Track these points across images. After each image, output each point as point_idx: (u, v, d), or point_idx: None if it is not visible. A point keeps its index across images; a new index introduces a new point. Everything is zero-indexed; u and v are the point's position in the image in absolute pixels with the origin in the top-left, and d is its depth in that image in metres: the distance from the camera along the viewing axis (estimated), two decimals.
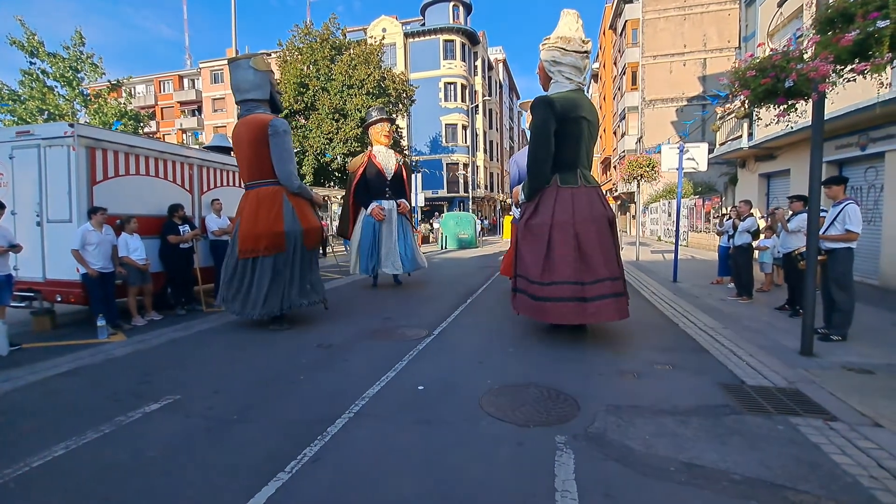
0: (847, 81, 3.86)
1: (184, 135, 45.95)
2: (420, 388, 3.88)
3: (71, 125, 6.03)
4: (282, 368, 4.47)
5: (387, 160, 9.29)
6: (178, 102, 47.50)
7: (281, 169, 6.04)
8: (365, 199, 9.19)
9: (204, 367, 4.63)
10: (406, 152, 25.45)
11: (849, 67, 3.75)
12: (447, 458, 2.76)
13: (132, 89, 40.30)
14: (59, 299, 6.25)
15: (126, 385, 4.07)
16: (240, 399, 3.70)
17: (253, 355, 5.01)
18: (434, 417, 3.32)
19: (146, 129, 31.70)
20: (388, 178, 9.20)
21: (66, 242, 5.78)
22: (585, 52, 5.60)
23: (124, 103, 21.42)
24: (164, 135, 45.47)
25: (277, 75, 21.69)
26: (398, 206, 9.24)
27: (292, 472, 2.60)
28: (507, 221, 23.07)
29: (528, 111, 5.75)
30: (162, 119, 47.67)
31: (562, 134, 5.33)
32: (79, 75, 18.03)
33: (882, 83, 3.87)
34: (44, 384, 4.15)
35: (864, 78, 3.71)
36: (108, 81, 19.15)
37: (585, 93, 5.80)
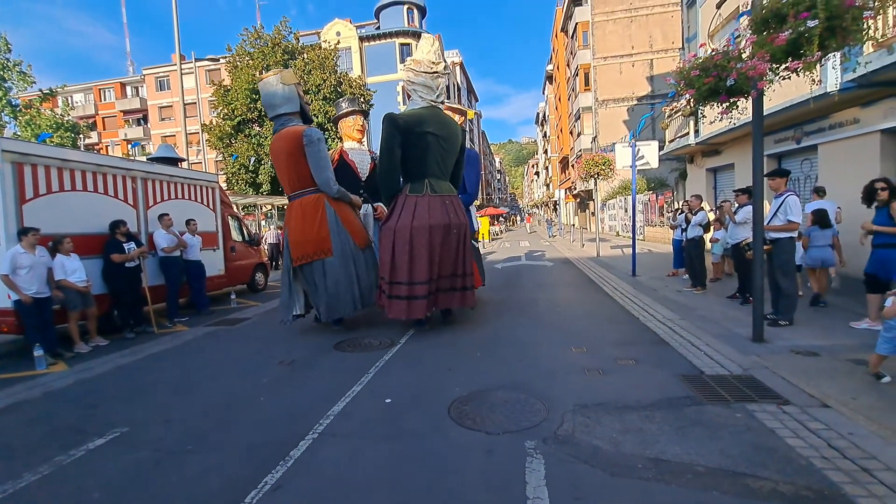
0: (783, 79, 4.07)
1: (128, 146, 43.59)
2: (388, 400, 3.78)
3: None
4: (241, 390, 4.25)
5: (361, 159, 7.96)
6: (120, 111, 44.96)
7: (319, 176, 6.21)
8: None
9: (155, 394, 4.33)
10: None
11: (783, 66, 3.95)
12: (417, 473, 2.68)
13: (69, 98, 37.88)
14: None
15: (67, 420, 3.76)
16: (194, 426, 3.48)
17: (210, 377, 4.75)
18: (403, 431, 3.23)
19: (87, 141, 29.90)
20: (363, 180, 7.89)
21: None
22: (436, 73, 6.25)
23: (61, 114, 20.09)
24: (106, 146, 42.96)
25: (227, 82, 20.93)
26: (374, 210, 8.06)
27: (252, 502, 2.45)
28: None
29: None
30: (104, 129, 45.01)
31: (408, 147, 5.94)
32: (5, 84, 16.75)
33: (814, 80, 4.10)
34: None
35: (798, 75, 3.92)
36: (40, 90, 17.88)
37: (440, 109, 6.39)
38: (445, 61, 6.49)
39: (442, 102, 6.45)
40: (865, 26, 3.67)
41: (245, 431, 3.36)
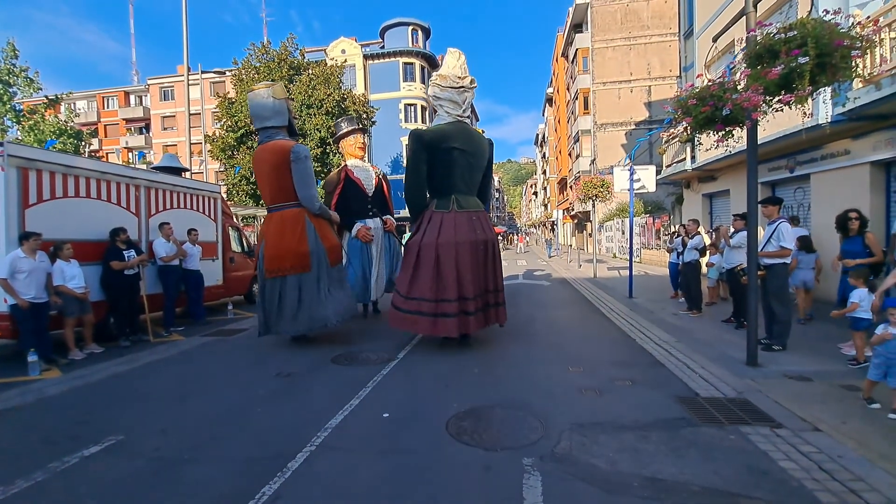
0: (776, 111, 4.22)
1: (129, 154, 43.76)
2: (385, 415, 3.79)
3: (0, 144, 5.61)
4: (238, 401, 4.25)
5: (365, 175, 8.39)
6: (123, 119, 45.26)
7: (303, 192, 6.28)
8: (346, 221, 8.08)
9: (151, 403, 4.31)
10: None
11: (776, 98, 4.10)
12: (415, 488, 2.69)
13: (72, 105, 38.17)
14: None
15: (62, 426, 3.74)
16: (191, 437, 3.48)
17: (206, 388, 4.74)
18: (400, 446, 3.25)
19: (89, 148, 30.01)
20: (370, 195, 8.33)
21: None
22: (462, 87, 6.15)
23: (65, 121, 20.21)
24: (107, 153, 43.09)
25: (233, 94, 21.21)
26: (384, 223, 8.41)
27: None
28: None
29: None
30: (105, 136, 45.22)
31: (433, 163, 5.93)
32: (11, 90, 16.88)
33: (805, 113, 4.26)
34: None
35: (790, 108, 4.07)
36: (46, 97, 18.04)
37: (466, 124, 6.29)
38: (471, 75, 6.36)
39: (468, 117, 6.35)
40: (854, 64, 3.85)
41: (242, 442, 3.36)
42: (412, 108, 35.66)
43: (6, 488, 2.76)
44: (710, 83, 4.47)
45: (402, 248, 8.87)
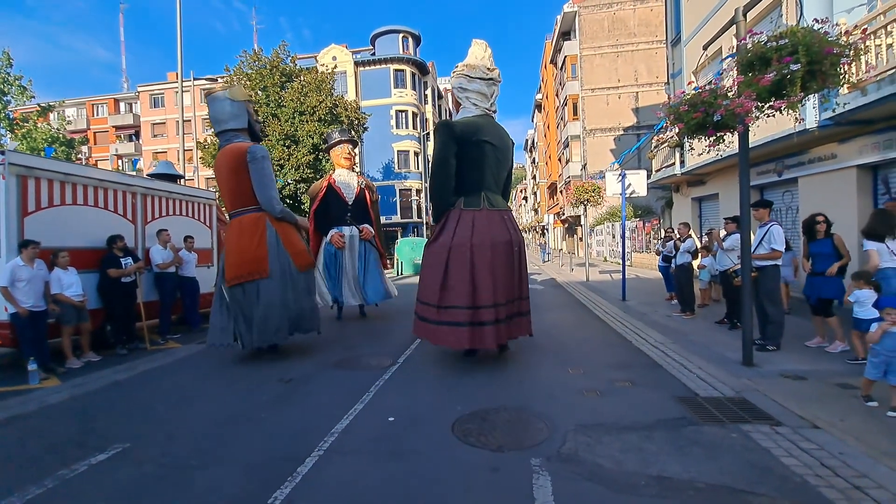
0: (767, 117, 4.35)
1: (119, 161, 43.35)
2: (391, 419, 3.81)
3: (1, 152, 5.58)
4: (241, 407, 4.24)
5: (348, 184, 8.90)
6: (113, 127, 44.87)
7: (262, 194, 5.97)
8: (325, 226, 8.70)
9: (153, 410, 4.29)
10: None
11: (768, 104, 4.23)
12: (425, 490, 2.72)
13: (62, 112, 37.76)
14: None
15: (67, 434, 3.71)
16: (197, 442, 3.47)
17: (208, 394, 4.73)
18: (408, 449, 3.27)
19: (85, 157, 29.74)
20: (350, 203, 8.78)
21: None
22: (491, 79, 5.79)
23: (58, 129, 20.04)
24: (97, 161, 42.69)
25: None
26: (360, 231, 8.75)
27: None
28: None
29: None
30: (95, 144, 44.78)
31: (463, 157, 5.46)
32: (5, 98, 16.72)
33: (797, 118, 4.39)
34: None
35: (782, 114, 4.20)
36: (38, 105, 17.88)
37: (494, 118, 5.95)
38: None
39: (495, 112, 5.98)
40: (843, 71, 3.98)
41: (249, 447, 3.36)
42: (403, 114, 35.77)
43: (20, 495, 2.75)
44: (701, 90, 4.59)
45: (394, 253, 9.06)
